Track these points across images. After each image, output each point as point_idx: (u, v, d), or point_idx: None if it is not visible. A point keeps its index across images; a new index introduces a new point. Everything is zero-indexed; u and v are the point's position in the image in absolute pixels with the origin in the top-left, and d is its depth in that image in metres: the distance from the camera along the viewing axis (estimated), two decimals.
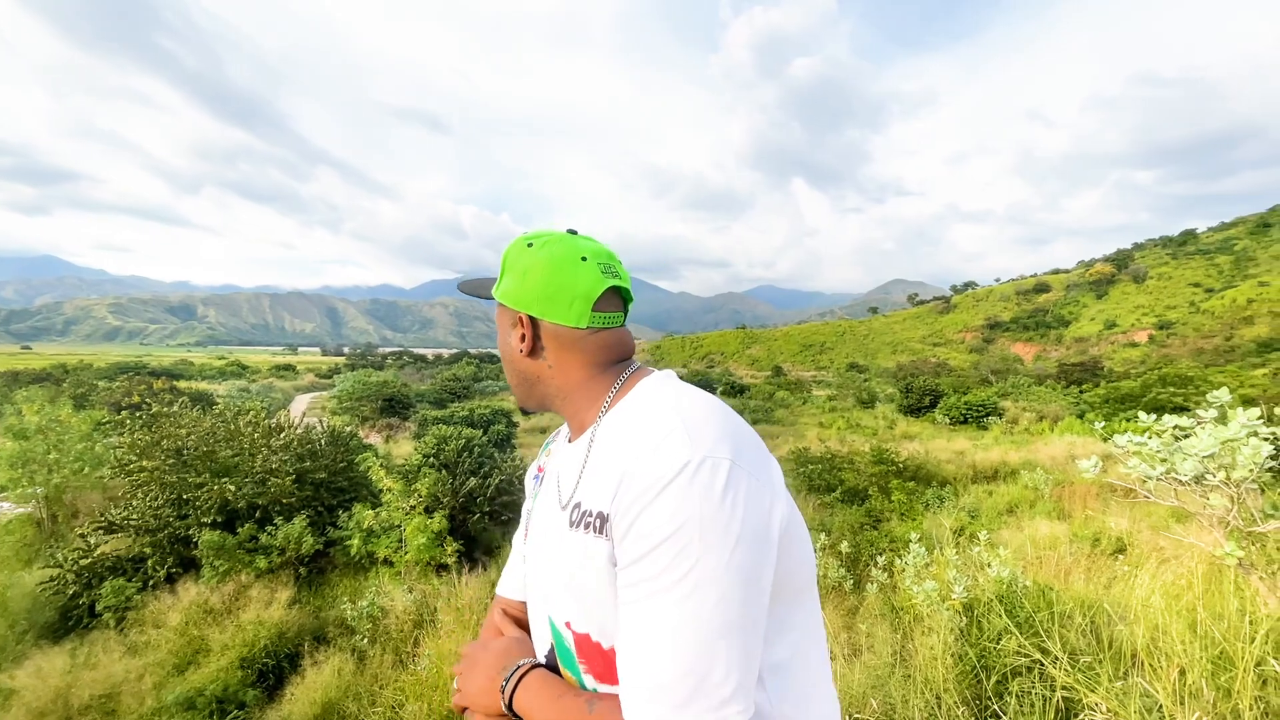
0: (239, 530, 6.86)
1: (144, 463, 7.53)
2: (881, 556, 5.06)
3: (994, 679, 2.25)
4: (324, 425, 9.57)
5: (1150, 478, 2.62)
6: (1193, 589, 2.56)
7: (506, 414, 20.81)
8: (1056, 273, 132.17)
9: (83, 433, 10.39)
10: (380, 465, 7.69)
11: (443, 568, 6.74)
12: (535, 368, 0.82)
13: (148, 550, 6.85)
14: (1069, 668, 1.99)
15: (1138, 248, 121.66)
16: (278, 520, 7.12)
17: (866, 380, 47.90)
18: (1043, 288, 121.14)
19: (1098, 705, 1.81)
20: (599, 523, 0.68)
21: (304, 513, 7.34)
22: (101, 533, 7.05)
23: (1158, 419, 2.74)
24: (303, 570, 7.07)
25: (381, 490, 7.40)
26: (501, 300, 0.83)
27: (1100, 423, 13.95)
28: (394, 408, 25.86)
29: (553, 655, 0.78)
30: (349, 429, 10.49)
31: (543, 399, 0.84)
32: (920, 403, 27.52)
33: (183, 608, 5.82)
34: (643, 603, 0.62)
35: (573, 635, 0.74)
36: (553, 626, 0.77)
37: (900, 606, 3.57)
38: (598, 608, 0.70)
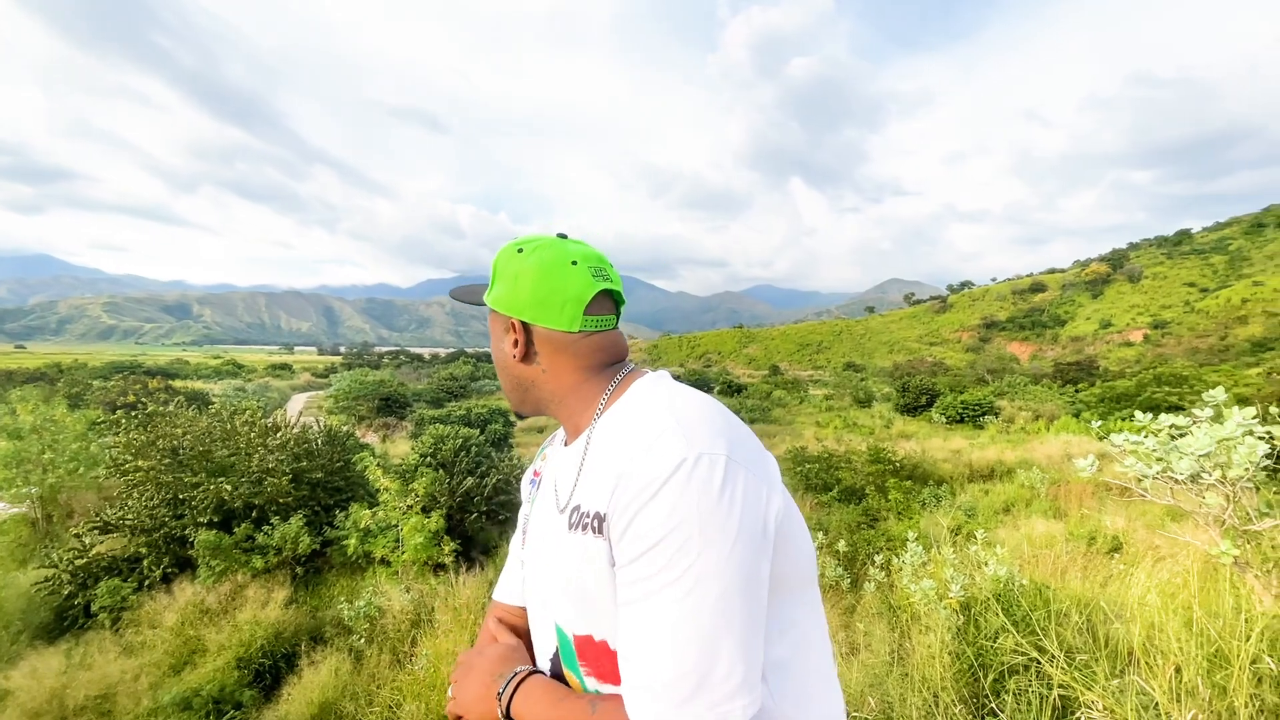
0: (235, 530, 6.83)
1: (139, 462, 7.50)
2: (879, 555, 5.07)
3: (991, 677, 2.26)
4: (320, 425, 9.55)
5: (1146, 476, 2.64)
6: (1188, 587, 2.57)
7: (503, 413, 20.77)
8: (1052, 272, 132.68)
9: (78, 432, 10.34)
10: (377, 465, 7.68)
11: (440, 567, 6.74)
12: (529, 373, 0.82)
13: (143, 550, 6.82)
14: (1065, 666, 1.99)
15: (1133, 247, 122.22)
16: (274, 520, 7.10)
17: (863, 379, 48.08)
18: (1039, 287, 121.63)
19: (1094, 703, 1.82)
20: (597, 523, 0.68)
21: (300, 512, 7.33)
22: (97, 533, 7.03)
23: (1154, 418, 2.75)
24: (299, 570, 7.05)
25: (378, 490, 7.37)
26: (494, 306, 0.83)
27: (1096, 422, 14.00)
28: (391, 407, 25.82)
29: (557, 659, 0.78)
30: (345, 428, 10.48)
31: (537, 404, 0.84)
32: (917, 402, 27.66)
33: (179, 608, 5.80)
34: (643, 601, 0.62)
35: (573, 637, 0.74)
36: (557, 629, 0.77)
37: (897, 605, 3.58)
38: (598, 609, 0.70)
